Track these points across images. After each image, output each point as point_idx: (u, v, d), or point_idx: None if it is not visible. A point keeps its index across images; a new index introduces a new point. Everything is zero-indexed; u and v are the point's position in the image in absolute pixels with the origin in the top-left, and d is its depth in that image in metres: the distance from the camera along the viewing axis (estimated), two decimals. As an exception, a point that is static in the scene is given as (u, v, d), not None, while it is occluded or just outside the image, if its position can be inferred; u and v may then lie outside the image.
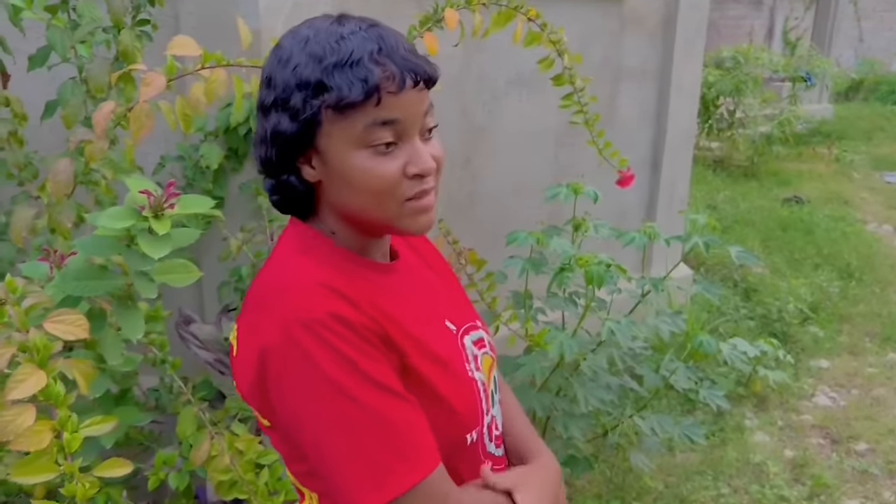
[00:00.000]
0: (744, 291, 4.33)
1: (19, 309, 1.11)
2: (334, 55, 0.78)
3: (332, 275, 0.83)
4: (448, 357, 0.91)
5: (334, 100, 0.78)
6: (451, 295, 1.04)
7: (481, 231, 2.91)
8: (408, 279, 0.96)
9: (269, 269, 0.88)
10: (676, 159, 3.72)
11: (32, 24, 1.87)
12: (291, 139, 0.81)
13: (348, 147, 0.81)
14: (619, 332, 1.97)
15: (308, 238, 0.89)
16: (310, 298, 0.79)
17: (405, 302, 0.91)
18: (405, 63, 0.80)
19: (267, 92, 0.82)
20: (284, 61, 0.81)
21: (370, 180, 0.81)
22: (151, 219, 1.34)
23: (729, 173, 7.08)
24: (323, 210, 0.89)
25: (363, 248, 0.91)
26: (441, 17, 2.08)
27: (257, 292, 0.86)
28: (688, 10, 3.48)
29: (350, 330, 0.79)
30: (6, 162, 1.82)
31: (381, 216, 0.84)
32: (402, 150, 0.82)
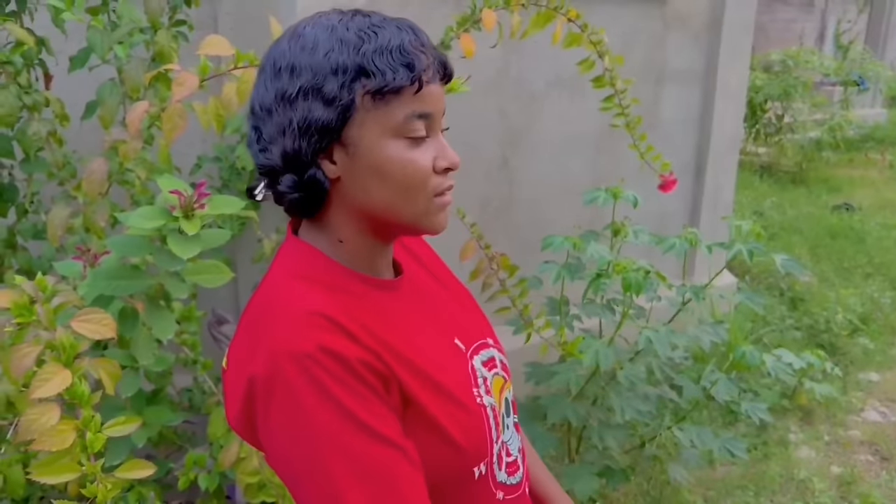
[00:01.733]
0: (790, 301, 4.20)
1: (48, 307, 1.11)
2: (372, 41, 0.75)
3: (328, 301, 0.77)
4: (455, 386, 0.85)
5: (377, 85, 0.75)
6: (460, 308, 0.98)
7: (517, 235, 2.87)
8: (414, 296, 0.90)
9: (264, 291, 0.83)
10: (721, 164, 3.63)
11: (74, 27, 1.90)
12: (326, 128, 0.76)
13: (384, 136, 0.77)
14: (657, 342, 1.92)
15: (307, 257, 0.84)
16: (302, 329, 0.74)
17: (410, 324, 0.86)
18: (437, 54, 0.79)
19: (290, 80, 0.76)
20: (311, 48, 0.76)
21: (406, 170, 0.78)
22: (181, 219, 1.34)
23: (776, 179, 6.91)
24: (334, 213, 0.83)
25: (370, 259, 0.85)
26: (479, 18, 2.05)
27: (250, 316, 0.81)
28: (734, 10, 3.39)
29: (342, 366, 0.73)
30: (47, 162, 1.85)
31: (409, 211, 0.80)
32: (431, 145, 0.80)
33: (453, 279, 1.03)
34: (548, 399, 2.08)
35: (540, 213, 2.99)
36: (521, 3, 2.06)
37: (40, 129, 1.73)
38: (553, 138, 3.00)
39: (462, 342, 0.91)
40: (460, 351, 0.90)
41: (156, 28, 1.66)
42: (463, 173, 3.12)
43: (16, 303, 1.10)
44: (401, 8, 2.46)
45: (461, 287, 1.04)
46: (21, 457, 1.47)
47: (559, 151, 3.03)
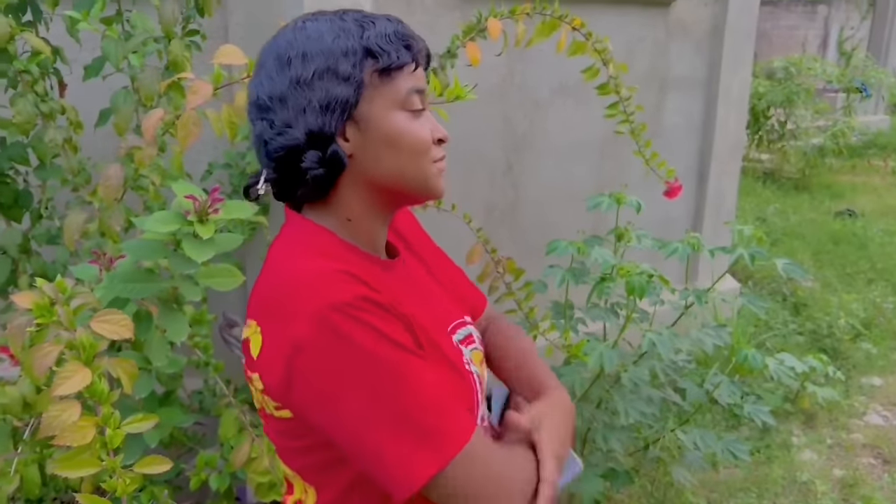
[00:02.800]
0: (793, 306, 4.23)
1: (68, 308, 1.14)
2: (372, 29, 0.86)
3: (345, 266, 0.84)
4: (450, 352, 0.95)
5: (385, 63, 0.86)
6: (441, 290, 1.06)
7: (522, 240, 2.90)
8: (405, 276, 0.99)
9: (276, 266, 0.88)
10: (724, 170, 3.66)
11: (87, 37, 1.94)
12: (346, 102, 0.85)
13: (391, 109, 0.87)
14: (660, 344, 1.94)
15: (312, 234, 0.91)
16: (334, 284, 0.80)
17: (405, 297, 0.93)
18: (424, 44, 0.92)
19: (303, 66, 0.85)
20: (317, 37, 0.85)
21: (413, 137, 0.88)
22: (196, 223, 1.37)
23: (779, 185, 6.94)
24: (344, 190, 0.91)
25: (373, 237, 0.94)
26: (484, 27, 2.09)
27: (271, 287, 0.86)
28: (736, 17, 3.42)
29: (381, 309, 0.81)
30: (62, 168, 1.88)
31: (418, 174, 0.90)
32: (426, 119, 0.91)
33: (437, 258, 1.12)
34: (553, 401, 2.10)
35: (544, 217, 3.02)
36: (526, 11, 2.10)
37: (56, 136, 1.77)
38: (557, 145, 3.03)
39: (443, 322, 1.00)
40: (445, 328, 0.99)
41: (169, 37, 1.70)
42: (468, 179, 3.19)
43: (37, 304, 1.14)
44: (407, 16, 2.49)
45: (444, 265, 1.12)
46: (37, 457, 1.50)
47: (563, 158, 3.06)
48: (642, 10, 3.15)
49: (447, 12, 2.59)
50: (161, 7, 1.70)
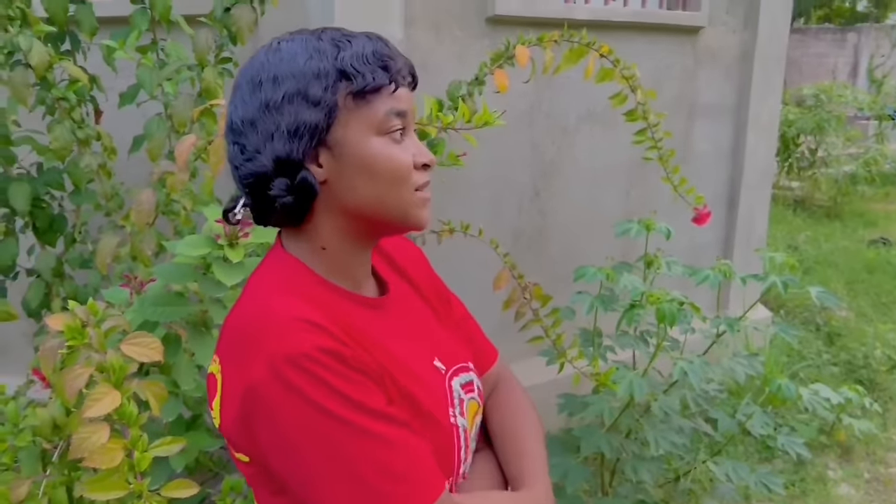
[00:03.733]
0: (826, 336, 4.14)
1: (99, 331, 1.15)
2: (347, 49, 0.81)
3: (312, 309, 0.79)
4: (430, 402, 0.88)
5: (358, 86, 0.80)
6: (443, 329, 1.00)
7: (549, 267, 2.88)
8: (396, 314, 0.93)
9: (248, 302, 0.84)
10: (754, 197, 3.62)
11: (122, 65, 1.98)
12: (315, 128, 0.80)
13: (368, 133, 0.82)
14: (692, 373, 1.91)
15: (288, 269, 0.86)
16: (293, 333, 0.76)
17: (391, 339, 0.88)
18: (406, 61, 0.85)
19: (273, 89, 0.80)
20: (289, 59, 0.81)
21: (391, 164, 0.83)
22: (226, 247, 1.39)
23: (810, 213, 6.84)
24: (319, 218, 0.85)
25: (351, 268, 0.88)
26: (512, 54, 2.10)
27: (237, 326, 0.82)
28: (766, 44, 3.41)
29: (339, 362, 0.76)
30: (96, 193, 1.92)
31: (396, 204, 0.84)
32: (409, 143, 0.85)
33: (446, 300, 1.06)
34: (581, 430, 2.07)
35: (572, 244, 3.00)
36: (553, 39, 2.11)
37: (92, 161, 1.80)
38: (585, 171, 3.02)
39: (443, 362, 0.94)
40: (439, 371, 0.93)
41: (202, 65, 1.73)
42: (496, 204, 3.19)
43: (69, 326, 1.15)
44: (436, 45, 2.53)
45: (453, 309, 1.06)
46: (65, 479, 1.51)
47: (591, 184, 3.05)
48: (670, 37, 3.15)
49: (476, 40, 2.61)
50: (195, 36, 1.73)
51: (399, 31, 2.39)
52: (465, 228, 1.88)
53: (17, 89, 1.63)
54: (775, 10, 3.43)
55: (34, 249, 2.02)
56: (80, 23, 1.90)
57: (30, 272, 2.00)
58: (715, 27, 3.28)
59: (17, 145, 1.89)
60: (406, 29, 2.44)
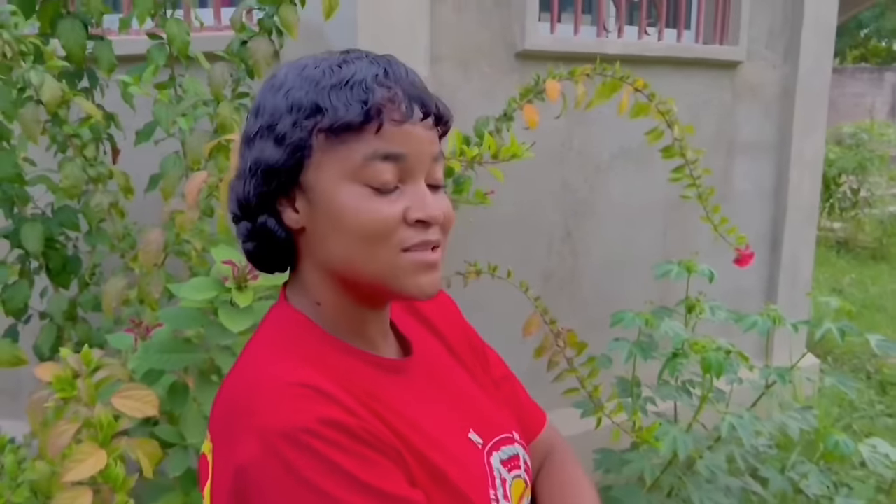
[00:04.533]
0: (879, 384, 3.91)
1: (90, 382, 1.06)
2: (333, 77, 0.69)
3: (314, 372, 0.67)
4: (466, 483, 0.74)
5: (329, 122, 0.68)
6: (485, 396, 0.85)
7: (583, 311, 2.75)
8: (423, 378, 0.79)
9: (242, 366, 0.72)
10: (798, 238, 3.46)
11: (142, 104, 1.93)
12: (276, 169, 0.69)
13: (340, 180, 0.69)
14: (741, 428, 1.76)
15: (290, 326, 0.74)
16: (290, 403, 0.64)
17: (415, 409, 0.75)
18: (413, 90, 0.70)
19: (253, 122, 0.72)
20: (276, 87, 0.71)
21: (360, 218, 0.68)
22: (234, 290, 1.30)
23: (854, 255, 6.61)
24: (306, 269, 0.74)
25: (357, 326, 0.75)
26: (542, 89, 2.02)
27: (228, 396, 0.70)
28: (807, 79, 3.29)
29: (346, 435, 0.64)
30: (108, 233, 1.85)
31: (371, 269, 0.70)
32: (405, 195, 0.70)
33: (480, 355, 0.91)
34: (620, 490, 1.92)
35: (606, 287, 2.88)
36: (586, 73, 2.02)
37: (103, 200, 1.73)
38: (619, 210, 2.91)
39: (480, 435, 0.79)
40: (475, 446, 0.78)
41: (218, 100, 1.67)
42: (525, 245, 3.07)
43: (58, 377, 1.06)
44: (464, 83, 2.46)
45: (493, 368, 0.91)
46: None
47: (625, 224, 2.94)
48: (707, 71, 3.05)
49: (504, 76, 2.54)
50: (210, 70, 1.67)
51: (425, 69, 2.33)
52: (493, 270, 1.77)
53: (26, 125, 1.58)
54: (817, 43, 3.31)
55: (47, 291, 1.96)
56: (98, 59, 1.86)
57: (42, 315, 1.93)
58: (754, 62, 3.17)
59: (31, 184, 1.84)
60: (432, 66, 2.38)
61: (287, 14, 1.62)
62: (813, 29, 3.27)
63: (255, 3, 1.66)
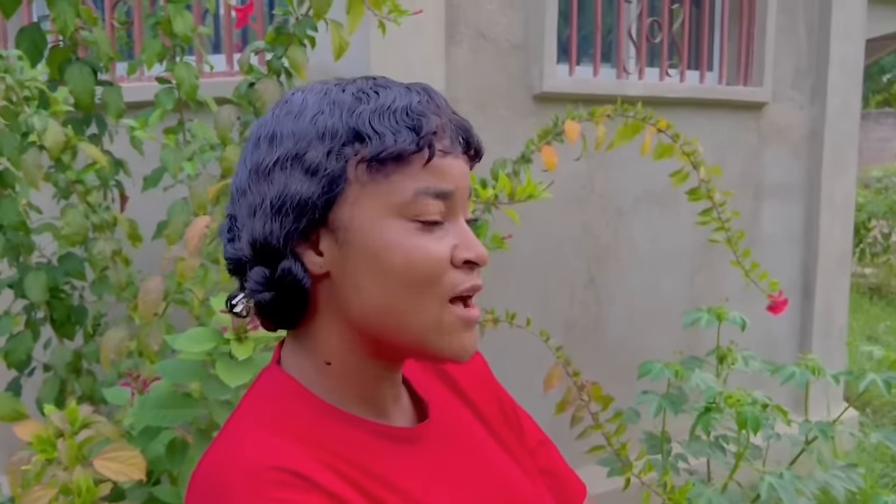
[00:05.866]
0: (922, 437, 3.72)
1: (72, 443, 0.98)
2: (370, 101, 0.60)
3: (299, 452, 0.59)
4: None
5: (374, 151, 0.59)
6: (514, 468, 0.76)
7: (607, 361, 2.64)
8: (440, 448, 0.69)
9: (222, 440, 0.63)
10: (831, 283, 3.34)
11: (152, 150, 1.90)
12: (304, 205, 0.60)
13: (385, 216, 0.60)
14: (781, 490, 1.63)
15: (281, 394, 0.64)
16: (264, 490, 0.55)
17: (428, 485, 0.65)
18: (457, 120, 0.63)
19: (268, 150, 0.61)
20: (297, 113, 0.61)
21: (413, 259, 0.60)
22: (233, 341, 1.22)
23: (889, 301, 6.43)
24: (322, 322, 0.64)
25: (369, 390, 0.66)
26: (561, 130, 1.96)
27: (204, 476, 0.61)
28: (836, 120, 3.21)
29: None
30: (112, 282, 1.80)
31: (414, 322, 0.61)
32: (449, 233, 0.62)
33: (512, 421, 0.81)
34: (651, 555, 1.78)
35: (631, 336, 2.77)
36: (606, 113, 1.96)
37: (105, 248, 1.68)
38: (643, 255, 2.82)
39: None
40: None
41: (225, 143, 1.62)
42: (545, 293, 2.95)
43: (38, 436, 0.98)
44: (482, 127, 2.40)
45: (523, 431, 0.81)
46: None
47: (651, 269, 2.84)
48: (732, 113, 2.98)
49: (522, 119, 2.49)
50: (217, 114, 1.62)
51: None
52: (511, 318, 1.68)
53: (28, 171, 1.53)
54: (845, 83, 3.24)
55: (51, 343, 1.91)
56: (107, 105, 1.83)
57: (46, 367, 1.87)
58: (780, 103, 3.10)
59: (37, 233, 1.80)
60: (449, 108, 2.33)
61: (296, 55, 1.58)
62: (839, 69, 3.20)
63: (265, 45, 1.62)
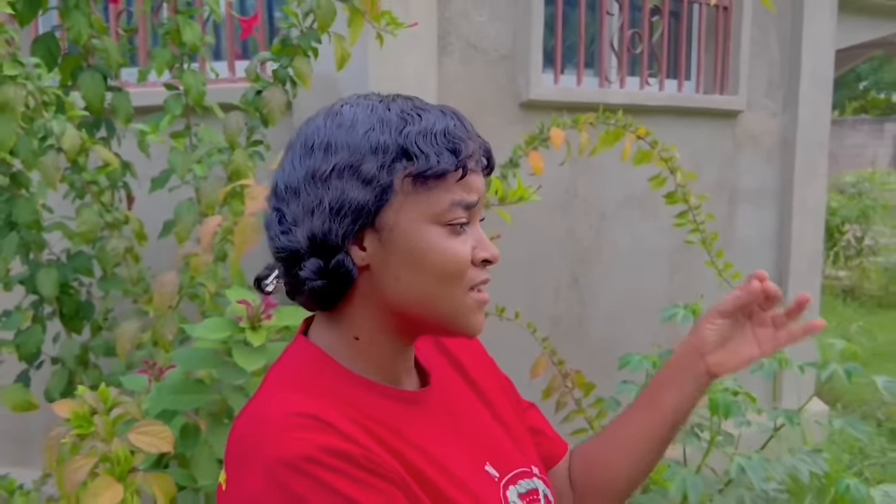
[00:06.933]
0: (889, 432, 3.88)
1: (107, 418, 1.08)
2: (415, 123, 0.72)
3: (320, 403, 0.70)
4: None
5: (420, 168, 0.71)
6: (503, 430, 0.88)
7: (590, 356, 2.76)
8: (439, 409, 0.81)
9: (254, 401, 0.75)
10: (803, 285, 3.48)
11: (156, 153, 1.99)
12: (361, 209, 0.71)
13: (422, 222, 0.73)
14: (750, 471, 1.75)
15: (305, 362, 0.77)
16: (291, 432, 0.67)
17: (431, 441, 0.77)
18: (481, 142, 0.76)
19: (324, 158, 0.72)
20: (349, 126, 0.72)
21: (445, 258, 0.73)
22: (248, 329, 1.32)
23: (861, 303, 6.61)
24: (356, 305, 0.76)
25: (387, 362, 0.78)
26: (547, 136, 2.07)
27: (239, 429, 0.73)
28: (807, 128, 3.36)
29: (348, 463, 0.66)
30: (123, 279, 1.88)
31: (445, 304, 0.75)
32: (470, 235, 0.75)
33: (503, 390, 0.93)
34: (630, 534, 1.90)
35: (613, 331, 2.89)
36: (589, 121, 2.08)
37: (119, 245, 1.77)
38: (625, 257, 2.94)
39: (496, 468, 0.81)
40: (491, 478, 0.80)
41: (233, 147, 1.72)
42: (531, 291, 3.07)
43: (75, 413, 1.08)
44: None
45: (510, 401, 0.93)
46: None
47: (631, 270, 2.96)
48: (708, 121, 3.12)
49: (509, 126, 2.60)
50: (226, 119, 1.72)
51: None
52: (501, 312, 1.79)
53: (46, 172, 1.63)
54: (815, 93, 3.39)
55: (59, 337, 1.99)
56: (116, 110, 1.92)
57: (54, 360, 1.95)
58: (754, 111, 3.25)
59: (47, 231, 1.88)
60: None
61: (301, 65, 1.68)
62: (810, 80, 3.35)
63: (271, 55, 1.72)
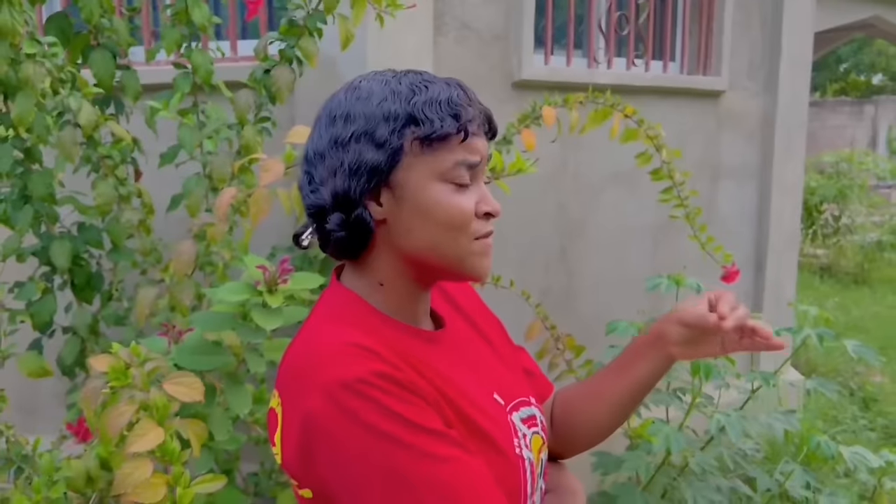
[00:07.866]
0: (861, 401, 4.05)
1: (143, 371, 1.17)
2: (423, 93, 0.82)
3: (365, 336, 0.81)
4: (496, 433, 0.88)
5: (425, 132, 0.81)
6: (501, 364, 1.00)
7: (578, 325, 2.85)
8: (453, 349, 0.93)
9: (302, 335, 0.86)
10: (781, 260, 3.61)
11: (163, 130, 2.06)
12: (375, 169, 0.82)
13: (429, 179, 0.83)
14: (729, 427, 1.87)
15: (344, 303, 0.88)
16: (348, 358, 0.78)
17: (450, 371, 0.88)
18: (483, 109, 0.86)
19: (344, 126, 0.83)
20: (365, 98, 0.83)
21: (450, 211, 0.83)
22: (265, 293, 1.41)
23: (837, 280, 6.79)
24: (377, 255, 0.87)
25: (408, 304, 0.89)
26: (539, 115, 2.16)
27: (292, 357, 0.85)
28: (786, 109, 3.46)
29: (395, 385, 0.77)
30: (133, 250, 1.96)
31: (452, 251, 0.85)
32: (474, 192, 0.85)
33: (501, 336, 1.06)
34: (617, 488, 2.02)
35: (600, 303, 3.00)
36: (579, 100, 2.17)
37: (132, 217, 1.85)
38: (611, 230, 3.04)
39: (501, 397, 0.93)
40: (499, 405, 0.92)
41: (242, 124, 1.79)
42: (522, 263, 3.16)
43: (113, 367, 1.17)
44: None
45: (508, 347, 1.06)
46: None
47: (617, 243, 3.07)
48: (692, 100, 3.22)
49: (502, 105, 2.68)
50: (235, 97, 1.80)
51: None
52: (497, 280, 1.90)
53: (65, 147, 1.70)
54: (794, 74, 3.50)
55: (71, 307, 2.06)
56: (125, 87, 1.99)
57: (66, 329, 2.03)
58: (736, 91, 3.35)
59: (60, 205, 1.95)
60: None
61: (307, 45, 1.76)
62: (789, 61, 3.45)
63: (278, 35, 1.80)
